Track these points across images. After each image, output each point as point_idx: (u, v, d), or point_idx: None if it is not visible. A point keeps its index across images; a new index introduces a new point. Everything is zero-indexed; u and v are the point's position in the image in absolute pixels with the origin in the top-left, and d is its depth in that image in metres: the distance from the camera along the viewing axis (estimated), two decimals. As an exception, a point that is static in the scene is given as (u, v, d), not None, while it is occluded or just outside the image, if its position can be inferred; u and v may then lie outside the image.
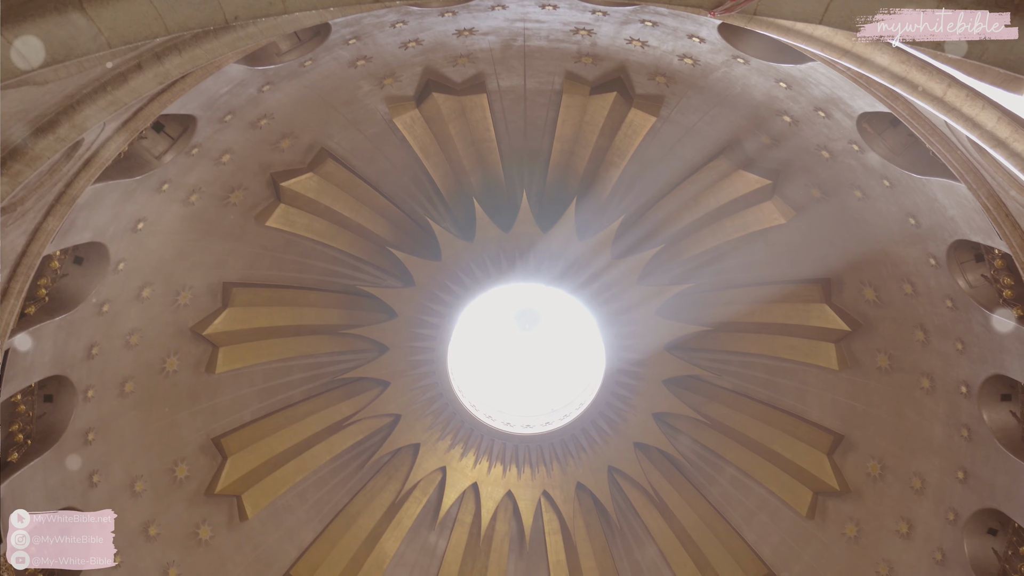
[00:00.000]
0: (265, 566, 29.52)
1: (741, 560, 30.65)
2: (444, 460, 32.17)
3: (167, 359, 26.85)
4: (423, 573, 31.74)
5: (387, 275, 30.33)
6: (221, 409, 28.68)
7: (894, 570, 27.37)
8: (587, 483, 32.39)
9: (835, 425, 28.99)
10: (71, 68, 13.86)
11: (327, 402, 30.73)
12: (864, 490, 28.42)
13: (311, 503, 30.69)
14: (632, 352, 31.28)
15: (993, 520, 24.78)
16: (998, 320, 21.12)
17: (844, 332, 27.77)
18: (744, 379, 30.56)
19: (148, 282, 25.12)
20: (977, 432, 24.34)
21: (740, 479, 31.04)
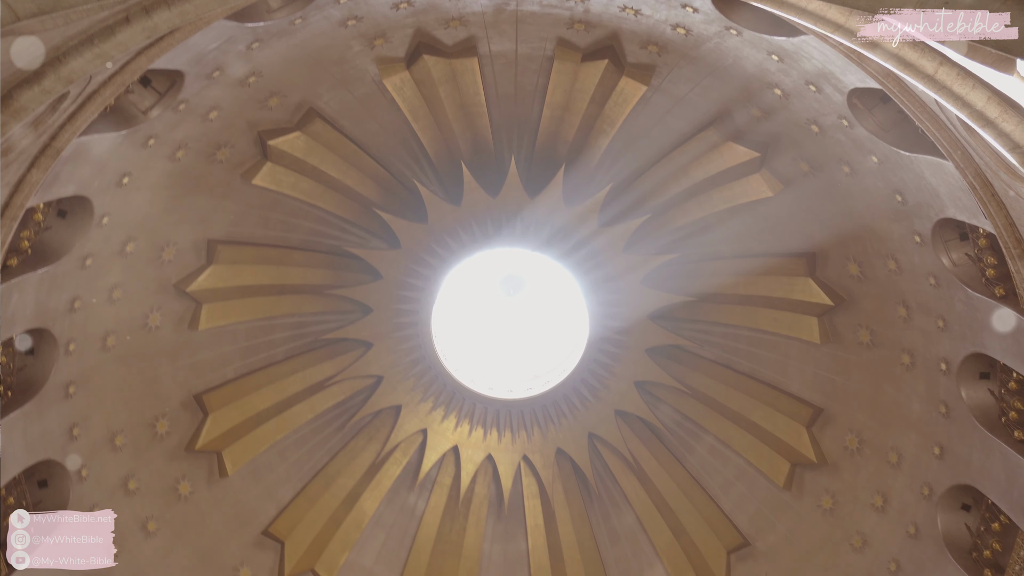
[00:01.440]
0: (244, 523, 29.62)
1: (717, 528, 30.93)
2: (425, 422, 32.25)
3: (150, 315, 26.78)
4: (401, 533, 31.90)
5: (373, 237, 30.26)
6: (203, 366, 28.66)
7: (868, 542, 27.67)
8: (567, 449, 32.56)
9: (815, 398, 29.18)
10: (58, 19, 13.71)
11: (310, 362, 30.74)
12: (841, 463, 28.66)
13: (291, 461, 30.77)
14: (616, 320, 31.36)
15: (967, 496, 25.06)
16: (998, 319, 21.22)
17: (827, 306, 27.89)
18: (726, 350, 30.70)
19: (132, 237, 25.00)
20: (955, 409, 24.56)
21: (719, 449, 31.26)
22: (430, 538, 31.96)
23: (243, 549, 29.44)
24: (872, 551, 27.50)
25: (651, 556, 31.76)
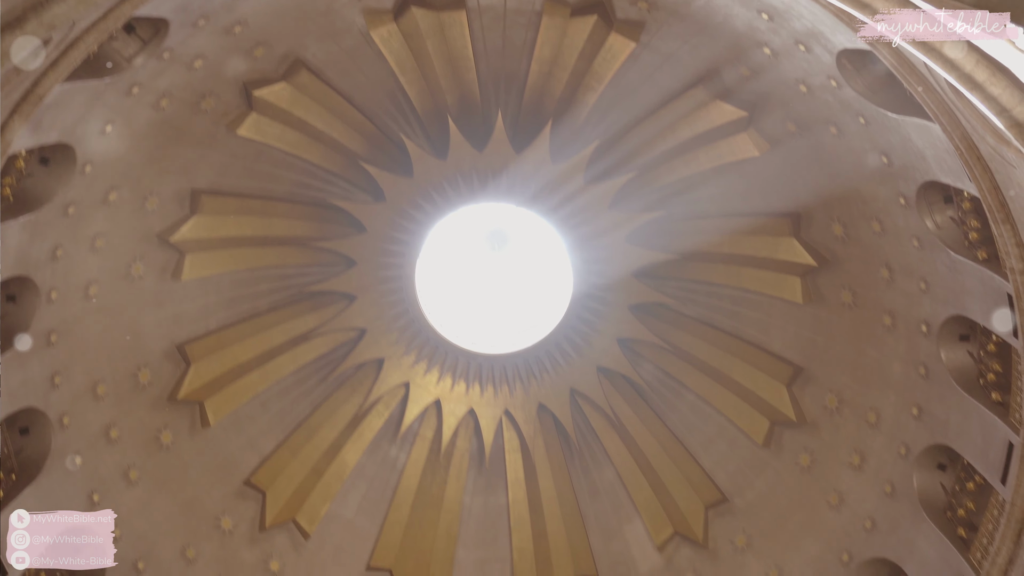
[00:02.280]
0: (226, 472, 29.71)
1: (696, 485, 31.20)
2: (408, 376, 32.31)
3: (133, 264, 26.67)
4: (383, 485, 32.06)
5: (358, 190, 30.12)
6: (186, 316, 28.59)
7: (844, 500, 27.99)
8: (549, 404, 32.70)
9: (796, 357, 29.37)
10: (41, -36, 13.54)
11: (293, 314, 30.68)
12: (820, 422, 28.92)
13: (273, 413, 30.82)
14: (600, 277, 31.38)
15: (943, 456, 25.36)
16: (998, 318, 21.32)
17: (810, 267, 28.00)
18: (709, 308, 30.80)
19: (115, 186, 24.82)
20: (934, 370, 24.79)
21: (700, 406, 31.45)
22: (411, 490, 32.12)
23: (225, 499, 29.55)
24: (848, 509, 27.83)
25: (630, 511, 32.04)
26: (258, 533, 29.86)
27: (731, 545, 30.40)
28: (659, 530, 31.52)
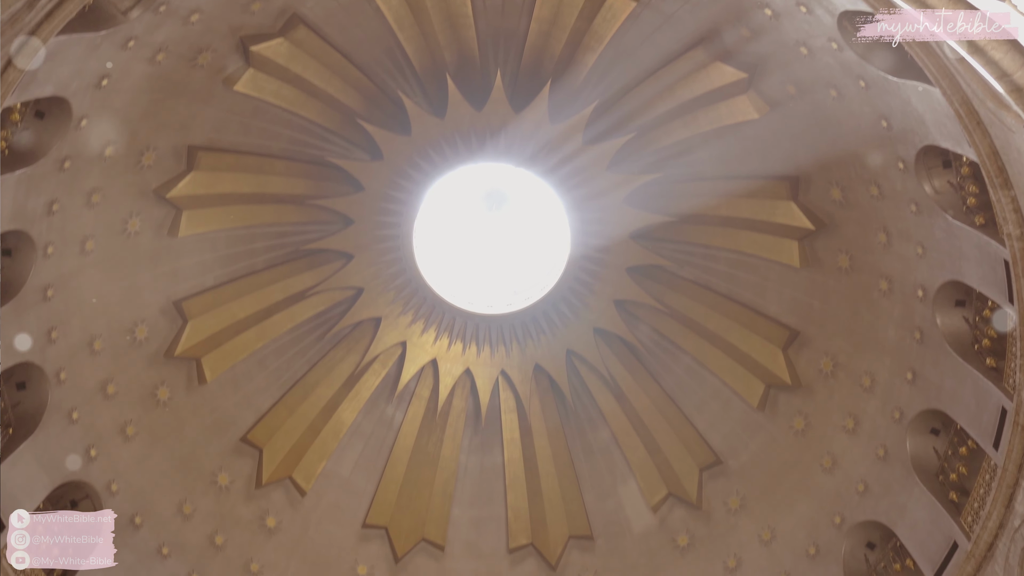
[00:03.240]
0: (222, 429, 29.86)
1: (690, 446, 31.35)
2: (405, 335, 32.35)
3: (129, 220, 26.63)
4: (379, 443, 32.21)
5: (355, 148, 29.99)
6: (183, 273, 28.59)
7: (837, 463, 28.13)
8: (545, 365, 32.78)
9: (792, 321, 29.41)
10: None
11: (290, 272, 30.66)
12: (815, 386, 29.01)
13: (270, 370, 30.90)
14: (597, 239, 31.32)
15: (936, 421, 25.48)
16: (998, 319, 21.31)
17: (808, 230, 27.96)
18: (706, 271, 30.79)
19: (111, 141, 24.72)
20: (929, 335, 24.82)
21: (695, 369, 31.53)
22: (407, 449, 32.28)
23: (221, 455, 29.74)
24: (841, 472, 27.98)
25: (625, 472, 32.22)
26: (254, 490, 30.07)
27: (724, 506, 30.61)
28: (653, 491, 31.73)
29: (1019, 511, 21.87)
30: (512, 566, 31.97)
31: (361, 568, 31.00)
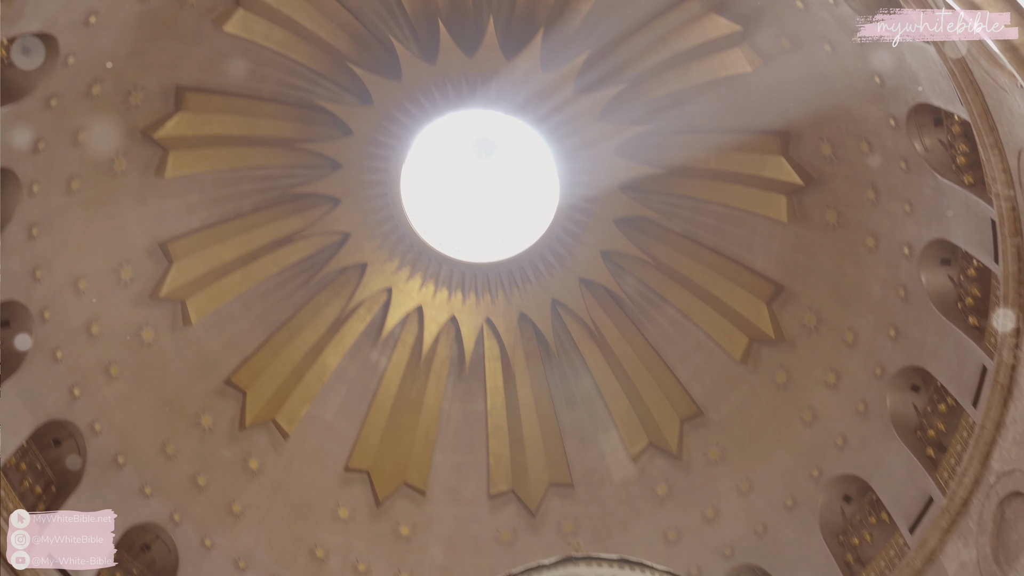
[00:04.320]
0: (207, 371, 29.89)
1: (672, 397, 31.57)
2: (390, 281, 32.30)
3: (115, 159, 26.42)
4: (363, 388, 32.30)
5: (345, 92, 29.69)
6: (169, 214, 28.43)
7: (817, 417, 28.43)
8: (530, 314, 32.84)
9: (777, 275, 29.51)
10: None
11: (277, 215, 30.50)
12: (798, 340, 29.20)
13: (255, 314, 30.85)
14: (586, 189, 31.24)
15: (917, 377, 25.73)
16: (998, 319, 21.32)
17: (797, 186, 27.95)
18: (694, 224, 30.79)
19: (98, 79, 24.43)
20: (914, 293, 24.99)
21: (679, 321, 31.65)
22: (391, 394, 32.39)
23: (205, 397, 29.79)
24: (821, 426, 28.28)
25: (607, 421, 32.46)
26: (238, 432, 30.17)
27: (704, 457, 30.91)
28: (634, 441, 32.00)
29: (995, 468, 22.19)
30: (492, 512, 32.26)
31: (342, 511, 31.22)
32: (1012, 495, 21.59)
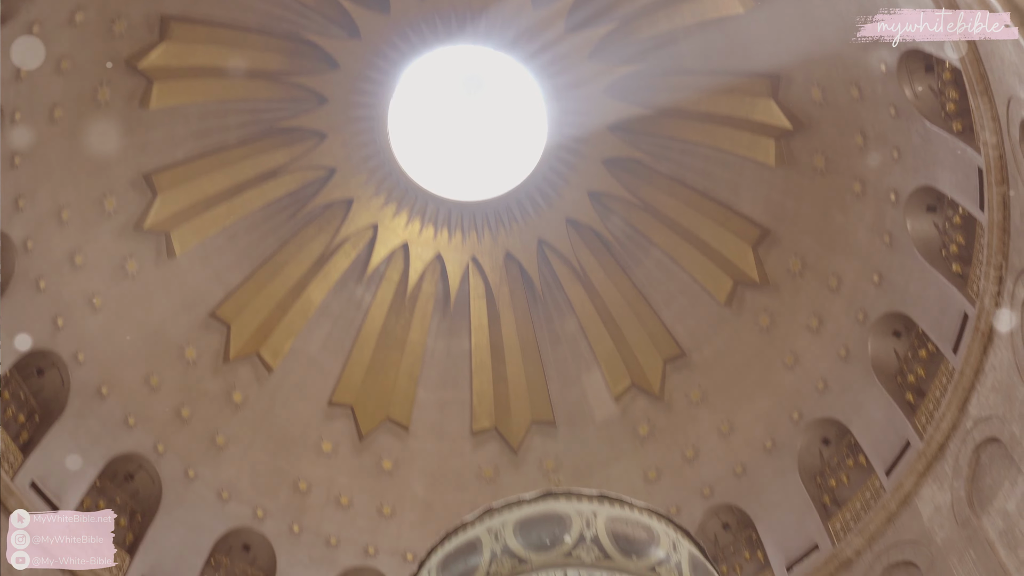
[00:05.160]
0: (191, 304, 29.84)
1: (656, 339, 31.75)
2: (376, 218, 32.18)
3: (99, 89, 26.07)
4: (347, 324, 32.34)
5: (332, 24, 29.22)
6: (153, 145, 28.14)
7: (799, 361, 28.66)
8: (516, 253, 32.82)
9: (764, 219, 29.52)
10: None
11: (262, 149, 30.21)
12: (782, 284, 29.32)
13: (240, 247, 30.72)
14: (575, 129, 31.02)
15: (899, 323, 25.96)
16: (998, 319, 21.28)
17: (786, 130, 27.83)
18: (682, 166, 30.68)
19: (81, 6, 24.02)
20: (899, 239, 25.08)
21: (665, 263, 31.70)
22: (375, 331, 32.44)
23: (189, 330, 29.78)
24: (802, 369, 28.52)
25: (590, 361, 32.64)
26: (222, 365, 30.23)
27: (686, 399, 31.18)
28: (617, 381, 32.23)
29: (972, 414, 22.48)
30: (475, 448, 32.54)
31: (326, 445, 31.43)
32: (988, 440, 21.90)
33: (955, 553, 21.99)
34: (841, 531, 25.99)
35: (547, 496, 14.05)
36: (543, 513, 13.70)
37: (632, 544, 13.37)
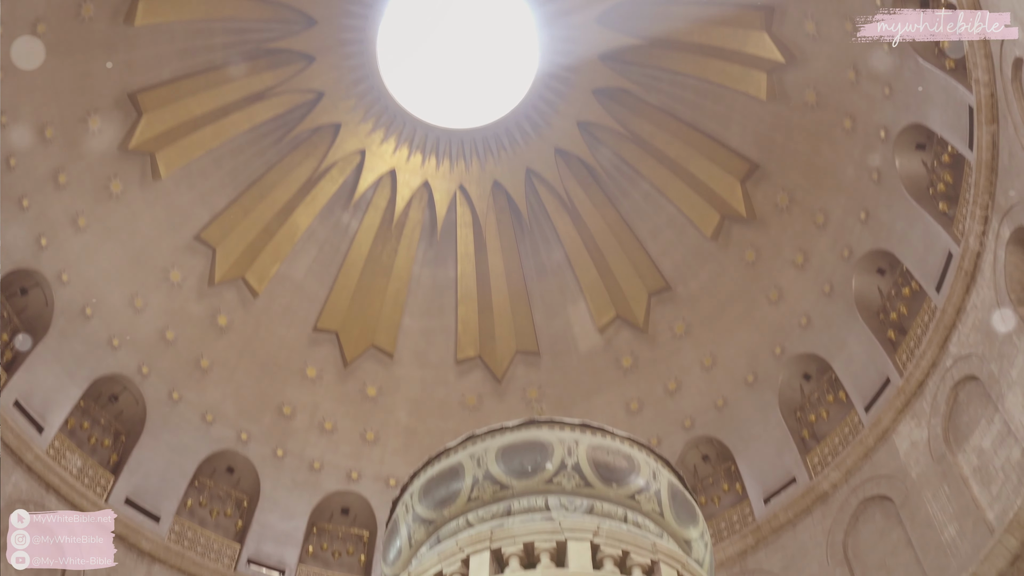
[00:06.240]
0: (176, 226, 29.67)
1: (642, 271, 31.80)
2: (364, 143, 31.92)
3: (83, 3, 25.61)
4: (333, 250, 32.25)
5: (322, -57, 28.81)
6: (138, 64, 27.72)
7: (783, 296, 28.80)
8: (504, 182, 32.67)
9: (753, 154, 29.41)
10: None
11: (249, 70, 29.76)
12: (769, 219, 29.33)
13: (226, 170, 30.46)
14: (566, 57, 30.69)
15: (884, 261, 26.10)
16: (998, 318, 21.11)
17: (778, 63, 27.60)
18: (672, 98, 30.45)
19: (64, -82, 23.58)
20: (887, 177, 25.08)
21: (653, 195, 31.62)
22: (361, 257, 32.38)
23: (174, 252, 29.66)
24: (786, 305, 28.67)
25: (575, 292, 32.72)
26: (207, 288, 30.19)
27: (670, 331, 31.33)
28: (602, 312, 32.34)
29: (952, 352, 22.69)
30: (459, 376, 32.71)
31: (310, 370, 31.55)
32: (967, 378, 22.12)
33: (929, 488, 22.32)
34: (819, 465, 26.33)
35: (530, 424, 14.16)
36: (525, 440, 13.81)
37: (612, 472, 13.52)
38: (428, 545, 13.76)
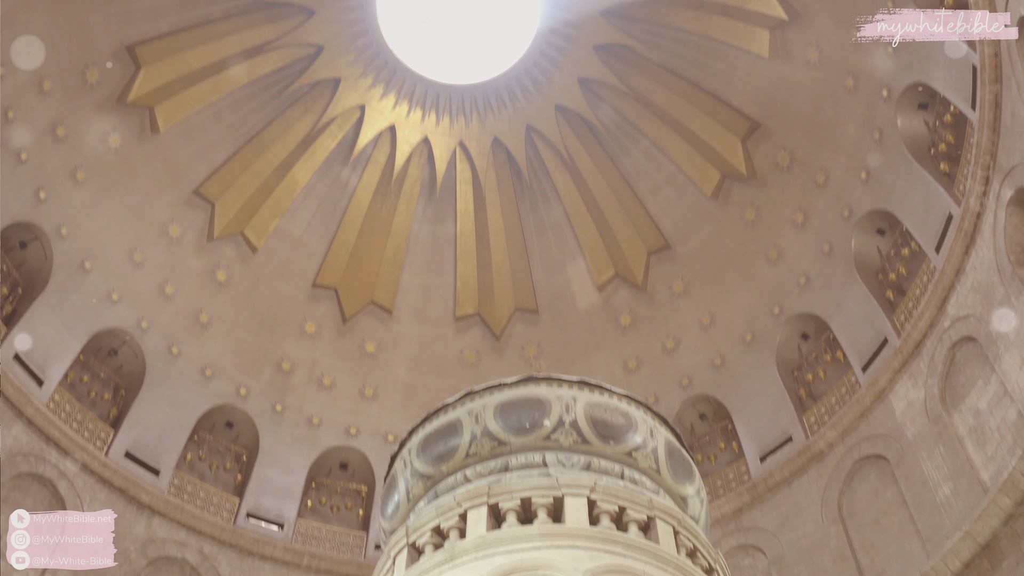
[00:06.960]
0: (175, 181, 29.58)
1: (641, 229, 31.75)
2: (364, 99, 31.74)
3: (80, -45, 25.42)
4: (332, 206, 32.18)
5: None
6: (137, 15, 27.48)
7: (783, 255, 28.78)
8: (504, 139, 32.53)
9: (754, 112, 29.26)
10: None
11: (249, 23, 29.53)
12: (770, 178, 29.24)
13: (225, 124, 30.32)
14: (567, 13, 30.43)
15: (883, 221, 26.04)
16: (998, 318, 20.93)
17: (781, 20, 27.36)
18: (674, 55, 30.24)
19: None
20: (888, 136, 24.96)
21: (653, 153, 31.50)
22: (360, 213, 32.32)
23: (173, 207, 29.60)
24: (785, 264, 28.66)
25: (574, 250, 32.70)
26: (206, 243, 30.16)
27: (668, 290, 31.35)
28: (601, 270, 32.35)
29: (951, 313, 22.71)
30: (458, 333, 32.78)
31: (309, 326, 31.60)
32: (964, 339, 22.16)
33: (925, 448, 22.43)
34: (815, 424, 26.46)
35: (528, 381, 14.18)
36: (523, 397, 13.83)
37: (610, 429, 13.55)
38: (426, 500, 13.82)
